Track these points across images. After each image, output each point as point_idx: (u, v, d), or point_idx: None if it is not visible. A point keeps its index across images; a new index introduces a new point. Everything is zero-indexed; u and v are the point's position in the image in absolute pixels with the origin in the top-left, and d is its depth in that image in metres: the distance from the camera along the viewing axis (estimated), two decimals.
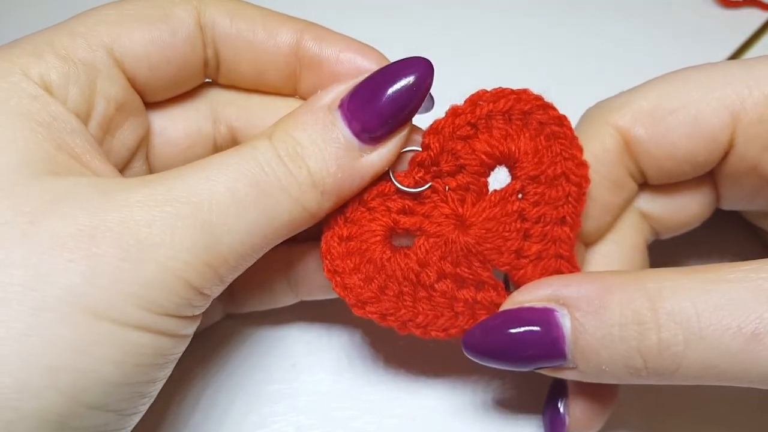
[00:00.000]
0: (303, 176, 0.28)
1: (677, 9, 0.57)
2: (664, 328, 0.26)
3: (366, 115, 0.29)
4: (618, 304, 0.27)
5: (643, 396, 0.38)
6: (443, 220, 0.32)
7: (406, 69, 0.29)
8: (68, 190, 0.25)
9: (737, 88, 0.31)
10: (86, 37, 0.29)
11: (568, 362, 0.28)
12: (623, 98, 0.33)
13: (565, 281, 0.29)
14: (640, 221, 0.36)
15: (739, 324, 0.25)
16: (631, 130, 0.32)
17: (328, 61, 0.32)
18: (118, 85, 0.30)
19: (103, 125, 0.30)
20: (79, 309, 0.23)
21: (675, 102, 0.32)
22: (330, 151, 0.29)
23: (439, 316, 0.32)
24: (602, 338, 0.27)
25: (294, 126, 0.29)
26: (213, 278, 0.27)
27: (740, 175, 0.33)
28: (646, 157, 0.33)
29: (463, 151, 0.32)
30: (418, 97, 0.29)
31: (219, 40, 0.32)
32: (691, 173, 0.33)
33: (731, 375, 0.26)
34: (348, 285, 0.31)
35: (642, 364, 0.27)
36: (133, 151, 0.33)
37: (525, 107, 0.31)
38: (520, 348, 0.29)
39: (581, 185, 0.32)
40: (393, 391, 0.38)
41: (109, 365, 0.24)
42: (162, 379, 0.28)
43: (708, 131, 0.31)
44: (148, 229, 0.25)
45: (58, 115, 0.27)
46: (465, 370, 0.39)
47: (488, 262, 0.32)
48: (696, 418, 0.37)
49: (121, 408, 0.25)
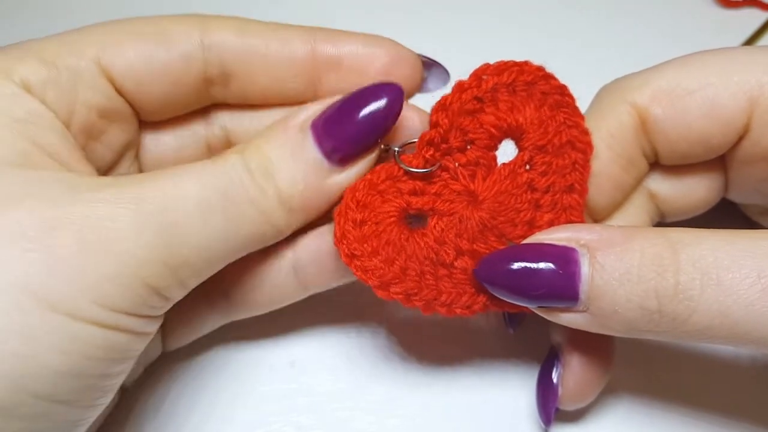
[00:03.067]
0: (271, 192, 0.29)
1: (677, 9, 0.58)
2: (683, 271, 0.26)
3: (336, 136, 0.30)
4: (640, 246, 0.27)
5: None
6: (455, 197, 0.32)
7: (377, 93, 0.30)
8: (35, 183, 0.25)
9: (757, 74, 0.31)
10: (74, 46, 0.30)
11: (580, 304, 0.28)
12: (642, 77, 0.33)
13: (587, 226, 0.29)
14: (647, 201, 0.36)
15: (758, 274, 0.25)
16: (649, 108, 0.32)
17: (348, 58, 0.32)
18: (101, 92, 0.30)
19: (85, 130, 0.30)
20: (31, 297, 0.23)
21: (694, 83, 0.32)
22: (299, 169, 0.30)
23: (462, 294, 0.31)
24: (620, 277, 0.27)
25: (266, 142, 0.30)
26: (171, 279, 0.27)
27: (752, 161, 0.33)
28: (661, 137, 0.33)
29: (471, 126, 0.32)
30: (387, 121, 0.30)
31: (228, 57, 0.32)
32: (703, 156, 0.33)
33: (743, 328, 0.25)
34: (368, 267, 0.31)
35: (656, 306, 0.27)
36: (120, 153, 0.33)
37: (528, 78, 0.32)
38: (534, 281, 0.28)
39: (586, 152, 0.32)
40: (393, 391, 0.38)
41: (57, 355, 0.24)
42: (119, 373, 0.27)
43: (724, 115, 0.31)
44: (111, 224, 0.25)
45: (35, 113, 0.27)
46: (465, 371, 0.38)
47: (503, 235, 0.32)
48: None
49: (72, 399, 0.25)
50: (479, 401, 0.38)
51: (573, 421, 0.37)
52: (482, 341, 0.39)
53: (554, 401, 0.34)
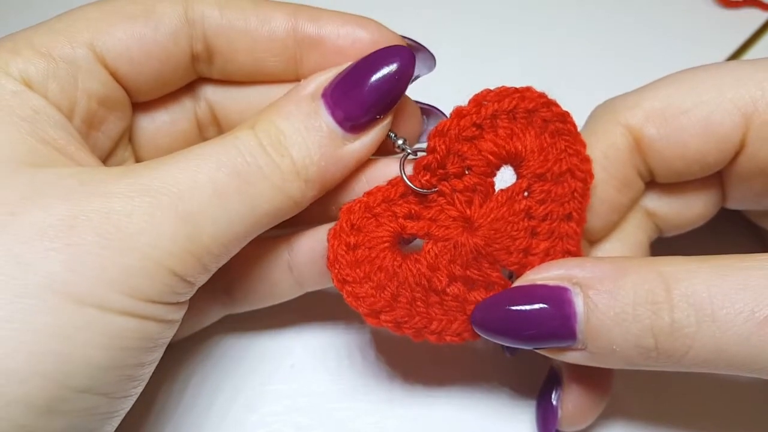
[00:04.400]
0: (286, 165, 0.29)
1: (677, 9, 0.57)
2: (678, 308, 0.26)
3: (349, 104, 0.29)
4: (632, 284, 0.27)
5: (640, 390, 0.38)
6: (451, 223, 0.32)
7: (388, 58, 0.30)
8: (49, 182, 0.25)
9: (750, 89, 0.31)
10: (66, 34, 0.29)
11: (578, 342, 0.28)
12: (634, 97, 0.33)
13: (579, 262, 0.29)
14: (644, 219, 0.36)
15: (752, 308, 0.25)
16: (643, 129, 0.32)
17: (329, 38, 0.32)
18: (99, 80, 0.30)
19: (87, 120, 0.30)
20: (60, 296, 0.23)
21: (687, 102, 0.32)
22: (313, 139, 0.29)
23: (453, 321, 0.31)
24: (615, 317, 0.27)
25: (277, 115, 0.29)
26: (196, 266, 0.27)
27: (750, 175, 0.33)
28: (656, 157, 0.33)
29: (469, 152, 0.31)
30: (400, 85, 0.30)
31: (210, 32, 0.32)
32: (699, 173, 0.33)
33: (740, 360, 0.26)
34: (360, 294, 0.31)
35: (653, 344, 0.27)
36: (117, 141, 0.33)
37: (529, 105, 0.31)
38: (531, 325, 0.28)
39: (586, 180, 0.32)
40: (393, 391, 0.38)
41: (93, 349, 0.24)
42: (152, 362, 0.28)
43: (720, 132, 0.31)
44: (128, 219, 0.25)
45: (40, 109, 0.27)
46: (465, 371, 0.39)
47: (497, 262, 0.32)
48: (694, 415, 0.37)
49: (109, 391, 0.25)
50: (479, 402, 0.38)
51: None
52: (483, 356, 0.39)
53: (554, 423, 0.34)
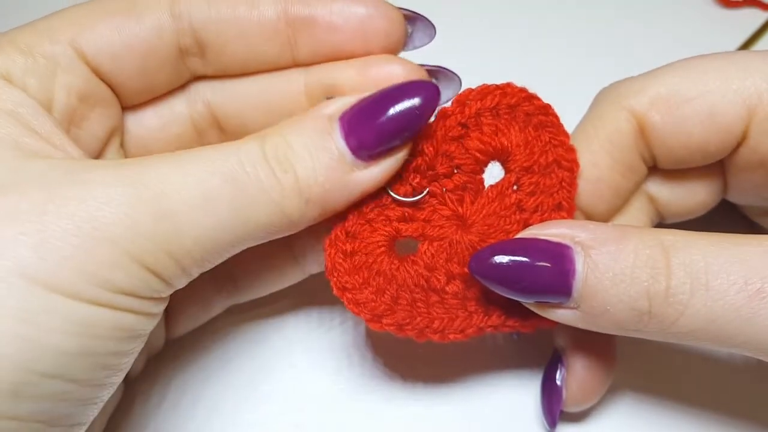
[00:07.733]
0: (289, 181, 0.28)
1: (677, 9, 0.57)
2: (675, 275, 0.27)
3: (364, 131, 0.29)
4: (634, 248, 0.27)
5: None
6: (444, 222, 0.32)
7: (412, 91, 0.29)
8: (33, 169, 0.25)
9: (756, 81, 0.31)
10: (48, 32, 0.29)
11: (571, 300, 0.28)
12: (640, 82, 0.33)
13: (582, 224, 0.29)
14: (647, 204, 0.36)
15: (745, 280, 0.26)
16: (647, 115, 0.32)
17: (321, 16, 0.31)
18: (79, 76, 0.30)
19: (66, 116, 0.30)
20: (27, 280, 0.23)
21: (692, 90, 0.32)
22: (322, 160, 0.28)
23: (455, 318, 0.31)
24: (613, 277, 0.27)
25: (289, 129, 0.29)
26: (173, 268, 0.26)
27: (750, 167, 0.33)
28: (660, 144, 0.33)
29: (456, 151, 0.32)
30: (419, 121, 0.29)
31: (198, 25, 0.31)
32: (701, 161, 0.33)
33: (727, 332, 0.26)
34: (360, 300, 0.31)
35: (647, 307, 0.27)
36: (104, 141, 0.32)
37: (511, 101, 0.32)
38: (528, 275, 0.28)
39: (573, 170, 0.32)
40: (393, 391, 0.38)
41: (62, 335, 0.23)
42: (130, 352, 0.27)
43: (723, 122, 0.31)
44: (106, 207, 0.24)
45: (22, 103, 0.27)
46: (465, 371, 0.38)
47: None
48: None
49: (81, 378, 0.25)
50: (482, 403, 0.38)
51: (577, 422, 0.37)
52: (486, 343, 0.39)
53: (559, 403, 0.34)
